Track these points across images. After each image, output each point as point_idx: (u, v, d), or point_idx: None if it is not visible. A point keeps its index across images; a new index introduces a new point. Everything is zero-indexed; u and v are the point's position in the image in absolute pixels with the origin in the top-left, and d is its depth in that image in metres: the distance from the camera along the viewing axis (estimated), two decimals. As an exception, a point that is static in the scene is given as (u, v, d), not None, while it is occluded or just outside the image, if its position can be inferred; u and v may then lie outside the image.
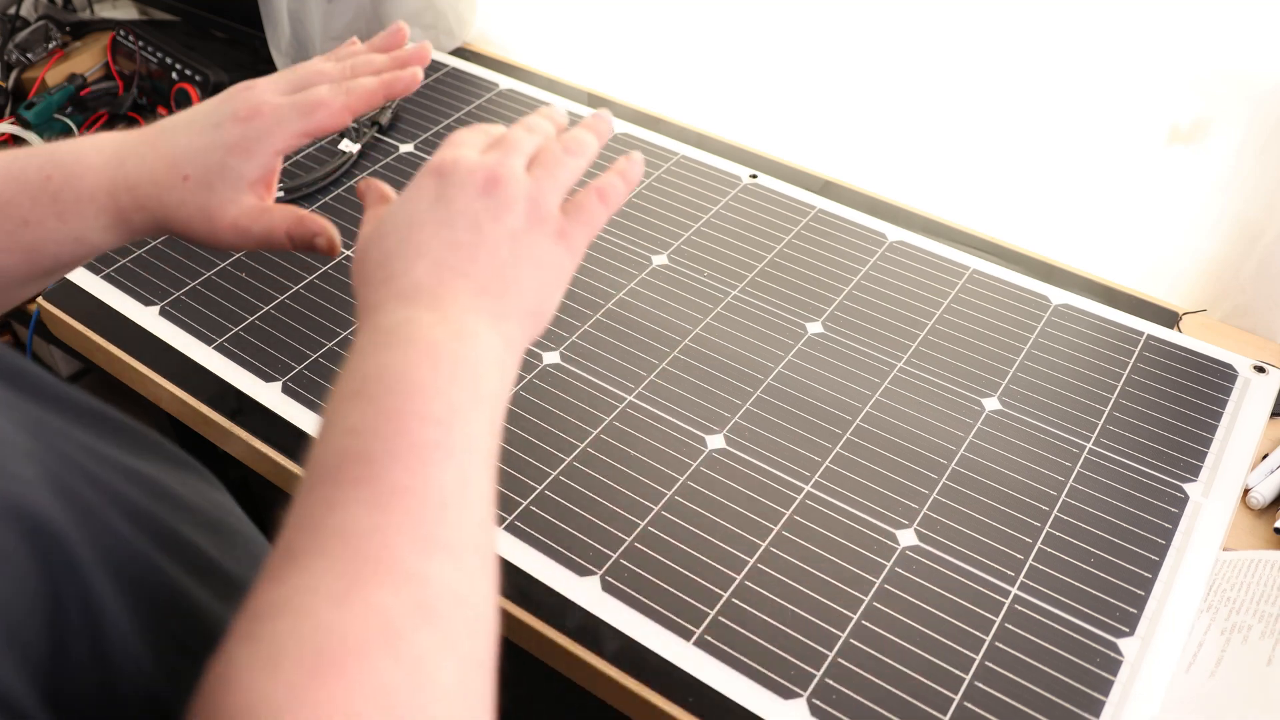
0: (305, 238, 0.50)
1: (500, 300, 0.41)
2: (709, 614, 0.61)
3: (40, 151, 0.48)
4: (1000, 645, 0.60)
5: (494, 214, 0.42)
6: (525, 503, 0.67)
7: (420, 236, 0.42)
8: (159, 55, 1.13)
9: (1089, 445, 0.71)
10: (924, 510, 0.67)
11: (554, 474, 0.69)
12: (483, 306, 0.40)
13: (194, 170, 0.48)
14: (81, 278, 0.84)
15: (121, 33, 1.16)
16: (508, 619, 0.63)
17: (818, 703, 0.57)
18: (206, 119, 0.50)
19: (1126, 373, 0.76)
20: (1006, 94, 0.89)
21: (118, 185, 0.48)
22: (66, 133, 1.10)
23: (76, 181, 0.47)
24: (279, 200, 0.92)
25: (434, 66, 1.09)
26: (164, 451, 0.40)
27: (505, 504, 0.67)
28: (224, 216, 0.49)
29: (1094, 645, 0.60)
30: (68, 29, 1.21)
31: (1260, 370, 0.76)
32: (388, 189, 0.49)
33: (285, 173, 0.94)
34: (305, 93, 0.50)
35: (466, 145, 0.45)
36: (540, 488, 0.68)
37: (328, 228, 0.51)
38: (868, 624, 0.61)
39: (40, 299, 0.84)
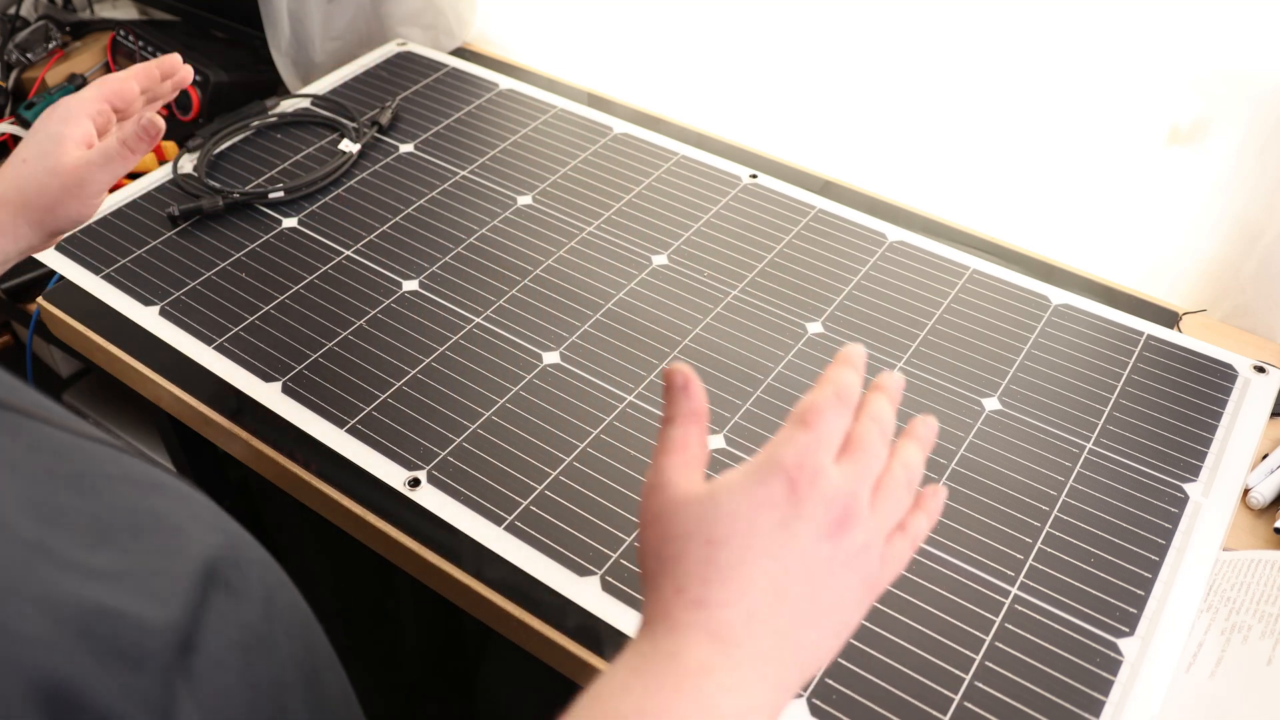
0: (133, 130, 0.62)
1: (801, 672, 0.39)
2: (709, 614, 0.61)
3: None
4: (1000, 645, 0.60)
5: (831, 567, 0.39)
6: (525, 503, 0.67)
7: (752, 566, 0.38)
8: (159, 55, 1.13)
9: (1089, 445, 0.71)
10: (924, 510, 0.67)
11: (554, 474, 0.69)
12: (779, 683, 0.38)
13: (29, 152, 0.61)
14: (81, 278, 0.84)
15: (121, 33, 1.16)
16: (508, 619, 0.63)
17: (818, 703, 0.57)
18: (28, 132, 0.63)
19: (1126, 373, 0.76)
20: (1006, 94, 0.89)
21: None
22: (66, 133, 1.10)
23: None
24: (281, 200, 0.92)
25: (434, 66, 1.09)
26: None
27: (505, 504, 0.67)
28: (64, 165, 0.60)
29: (1094, 645, 0.60)
30: (68, 29, 1.21)
31: (1260, 370, 0.76)
32: (704, 405, 0.43)
33: (285, 173, 0.95)
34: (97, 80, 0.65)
35: (824, 442, 0.40)
36: (540, 488, 0.68)
37: (153, 116, 0.62)
38: (867, 624, 0.61)
39: (40, 299, 0.84)
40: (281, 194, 0.91)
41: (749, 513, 0.39)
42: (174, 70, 0.68)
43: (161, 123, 0.63)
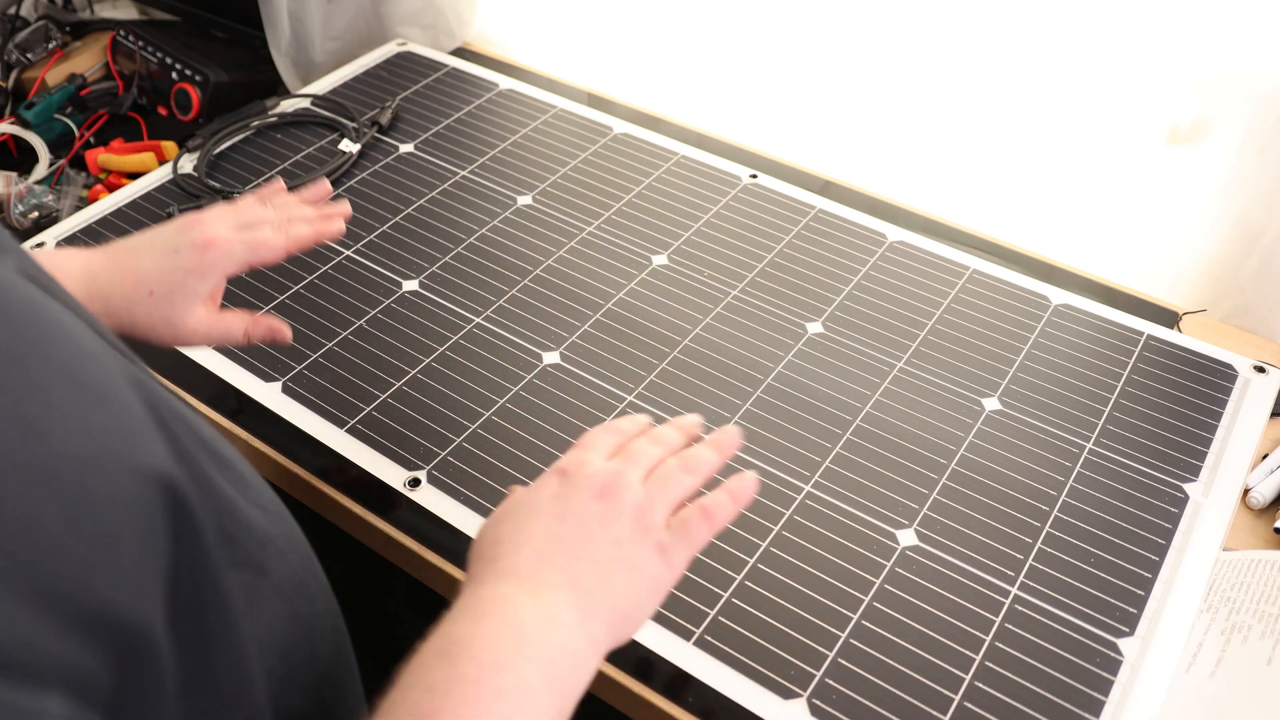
0: (263, 334, 0.63)
1: (592, 597, 0.44)
2: (709, 614, 0.61)
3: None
4: (1000, 645, 0.60)
5: (603, 519, 0.46)
6: (525, 503, 0.67)
7: (533, 526, 0.46)
8: (159, 55, 1.13)
9: (1089, 445, 0.71)
10: (924, 510, 0.67)
11: (554, 474, 0.69)
12: (574, 600, 0.43)
13: (158, 288, 0.59)
14: (81, 278, 0.84)
15: (121, 33, 1.16)
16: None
17: (818, 703, 0.57)
18: (166, 244, 0.60)
19: (1126, 373, 0.76)
20: (1006, 94, 0.89)
21: (92, 296, 0.57)
22: (66, 133, 1.10)
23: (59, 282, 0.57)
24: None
25: (434, 66, 1.09)
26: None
27: (505, 504, 0.67)
28: (185, 324, 0.60)
29: (1094, 645, 0.60)
30: (68, 29, 1.21)
31: (1260, 370, 0.76)
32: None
33: (285, 173, 0.94)
34: (253, 233, 0.61)
35: (594, 449, 0.49)
36: (540, 488, 0.68)
37: (283, 325, 0.64)
38: (868, 624, 0.61)
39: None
40: (281, 194, 0.91)
41: (529, 496, 0.48)
42: (336, 235, 0.65)
43: (290, 336, 0.65)
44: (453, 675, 0.39)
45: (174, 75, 1.12)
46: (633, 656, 0.60)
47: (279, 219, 0.63)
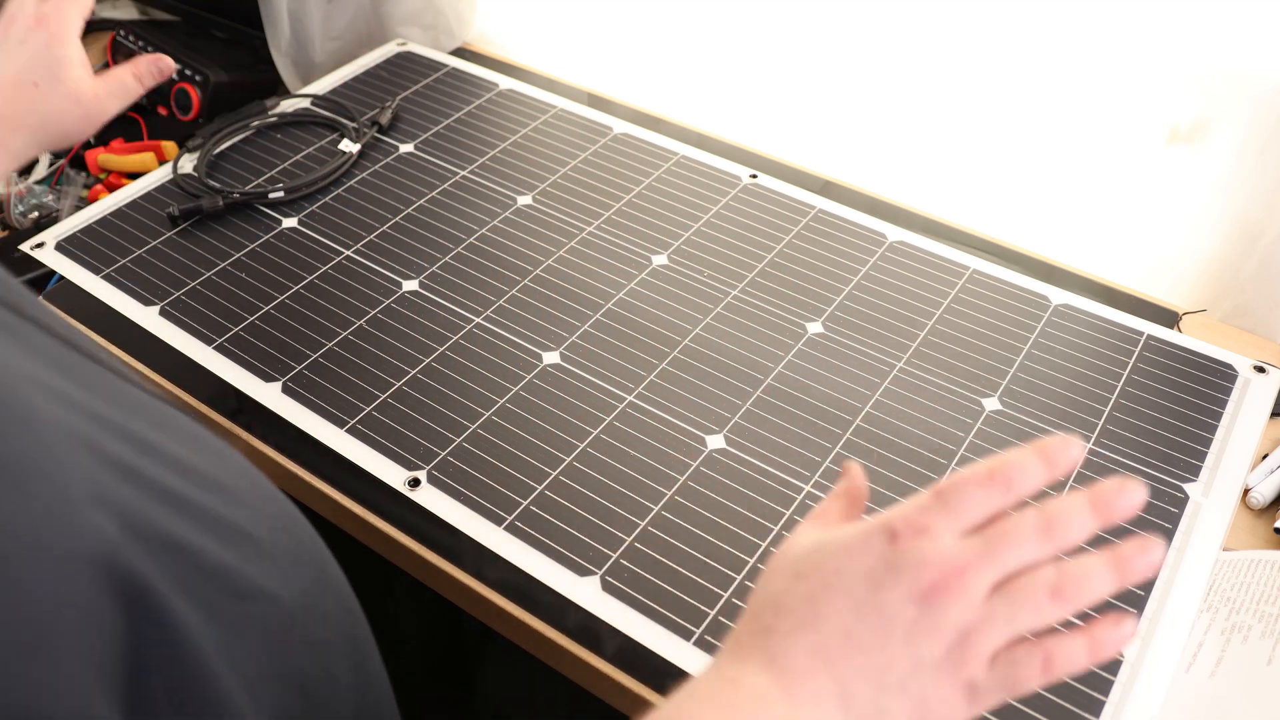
0: (147, 67, 0.69)
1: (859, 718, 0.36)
2: (709, 614, 0.61)
3: None
4: (1000, 645, 0.60)
5: (912, 629, 0.36)
6: (525, 503, 0.67)
7: (826, 604, 0.37)
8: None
9: (1089, 445, 0.71)
10: (924, 510, 0.67)
11: (554, 474, 0.69)
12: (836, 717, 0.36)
13: (37, 75, 0.63)
14: (81, 278, 0.84)
15: (121, 33, 1.16)
16: (508, 619, 0.63)
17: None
18: (8, 42, 0.64)
19: (1126, 373, 0.76)
20: (1006, 94, 0.89)
21: None
22: (66, 133, 1.10)
23: None
24: (279, 199, 0.92)
25: (434, 66, 1.09)
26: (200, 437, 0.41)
27: (505, 504, 0.67)
28: (86, 93, 0.65)
29: (1094, 645, 0.60)
30: (68, 29, 1.21)
31: (1260, 370, 0.76)
32: (862, 491, 0.44)
33: (285, 173, 0.95)
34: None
35: (951, 514, 0.38)
36: (540, 488, 0.68)
37: (161, 56, 0.70)
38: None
39: (40, 299, 0.84)
40: (281, 194, 0.91)
41: (841, 555, 0.38)
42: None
43: (171, 62, 0.70)
44: None
45: (174, 75, 1.12)
46: (633, 658, 0.60)
47: None
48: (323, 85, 1.06)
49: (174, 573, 0.31)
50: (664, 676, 0.59)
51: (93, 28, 1.22)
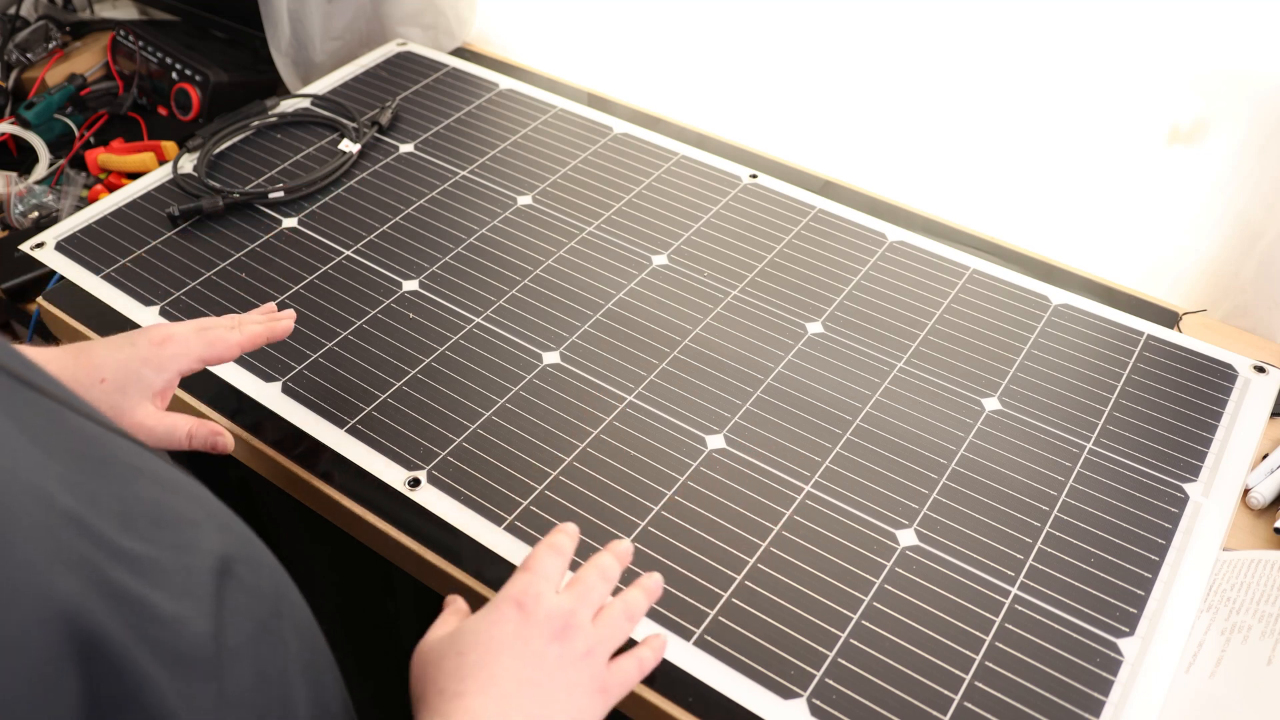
0: (205, 436, 0.62)
1: None
2: (709, 614, 0.61)
3: None
4: (1000, 645, 0.60)
5: (559, 663, 0.49)
6: (525, 503, 0.67)
7: (496, 665, 0.48)
8: (159, 55, 1.13)
9: (1089, 445, 0.71)
10: (924, 510, 0.67)
11: (554, 474, 0.69)
12: None
13: (111, 376, 0.60)
14: (82, 278, 0.84)
15: (121, 33, 1.16)
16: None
17: (818, 703, 0.57)
18: (124, 339, 0.62)
19: (1126, 373, 0.76)
20: (1006, 94, 0.89)
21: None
22: (66, 133, 1.10)
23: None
24: (279, 199, 0.92)
25: (434, 66, 1.09)
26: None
27: (505, 504, 0.67)
28: (132, 416, 0.60)
29: (1094, 645, 0.60)
30: (68, 29, 1.21)
31: (1260, 370, 0.76)
32: (464, 605, 0.55)
33: (285, 173, 0.95)
34: (210, 332, 0.63)
35: (546, 579, 0.52)
36: (540, 488, 0.68)
37: (224, 431, 0.63)
38: (868, 624, 0.61)
39: (40, 299, 0.84)
40: (281, 194, 0.91)
41: (488, 628, 0.49)
42: (285, 333, 0.68)
43: (231, 445, 0.64)
44: None
45: (174, 75, 1.12)
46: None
47: (233, 321, 0.66)
48: (323, 85, 1.06)
49: (134, 626, 0.30)
50: (664, 676, 0.59)
51: (93, 27, 1.22)
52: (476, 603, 0.64)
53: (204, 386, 0.76)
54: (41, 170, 1.05)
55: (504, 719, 0.46)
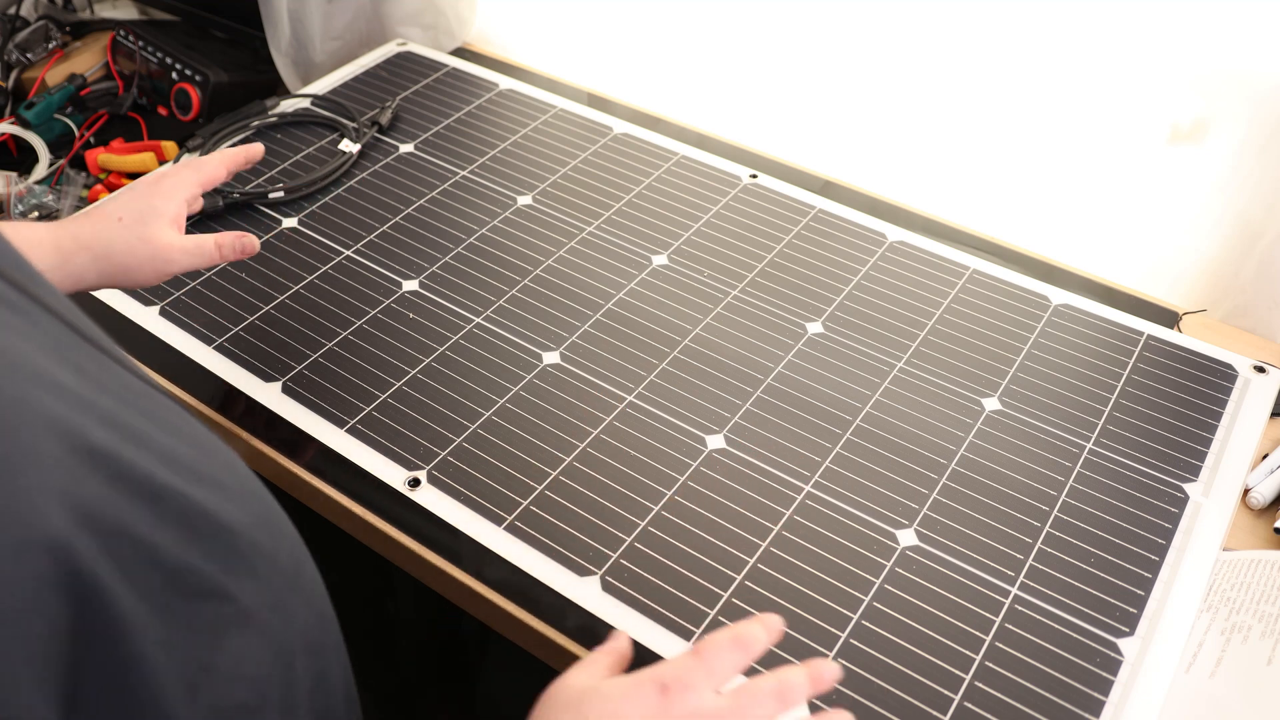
0: (232, 242, 0.69)
1: None
2: (709, 614, 0.61)
3: None
4: (1000, 645, 0.60)
5: None
6: (525, 503, 0.67)
7: None
8: (159, 55, 1.13)
9: (1089, 445, 0.71)
10: (924, 510, 0.67)
11: (554, 474, 0.69)
12: None
13: (126, 213, 0.66)
14: (81, 278, 0.84)
15: (121, 33, 1.16)
16: (508, 619, 0.63)
17: (817, 702, 0.57)
18: (126, 188, 0.68)
19: (1126, 373, 0.76)
20: (1006, 94, 0.89)
21: (61, 234, 0.63)
22: (66, 133, 1.10)
23: (24, 230, 0.62)
24: (279, 199, 0.92)
25: (434, 66, 1.09)
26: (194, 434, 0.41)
27: (505, 504, 0.67)
28: (159, 239, 0.66)
29: (1094, 645, 0.60)
30: (68, 29, 1.21)
31: (1260, 370, 0.76)
32: (624, 649, 0.51)
33: (286, 173, 0.95)
34: (192, 163, 0.71)
35: (709, 676, 0.45)
36: (540, 488, 0.68)
37: (250, 234, 0.70)
38: (868, 624, 0.61)
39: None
40: (281, 194, 0.91)
41: (618, 699, 0.44)
42: (258, 156, 0.76)
43: (257, 246, 0.71)
44: None
45: (174, 75, 1.12)
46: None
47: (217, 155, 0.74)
48: (323, 85, 1.06)
49: (127, 568, 0.31)
50: (664, 676, 0.59)
51: (93, 27, 1.22)
52: (475, 602, 0.65)
53: (203, 386, 0.76)
54: (41, 170, 1.05)
55: None
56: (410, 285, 0.83)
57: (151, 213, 0.66)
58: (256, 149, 0.76)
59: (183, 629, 0.33)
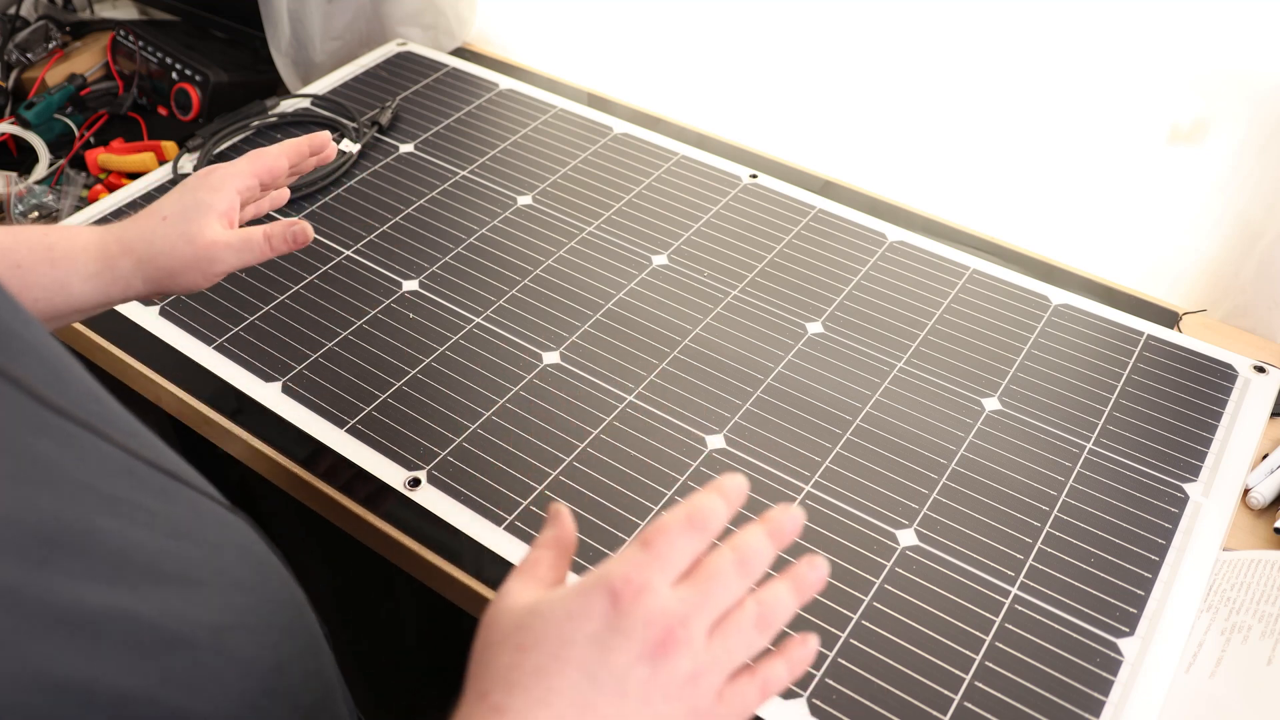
0: (281, 233, 0.61)
1: None
2: (709, 614, 0.61)
3: (40, 226, 0.59)
4: (1000, 645, 0.60)
5: (647, 689, 0.36)
6: (525, 503, 0.67)
7: (559, 676, 0.36)
8: (159, 55, 1.13)
9: (1089, 445, 0.71)
10: (924, 510, 0.67)
11: (554, 474, 0.69)
12: None
13: (170, 211, 0.60)
14: (81, 278, 0.84)
15: (121, 33, 1.16)
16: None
17: (818, 703, 0.57)
18: (177, 186, 0.62)
19: (1126, 373, 0.76)
20: (1007, 94, 0.89)
21: (107, 237, 0.59)
22: (66, 133, 1.10)
23: (71, 235, 0.58)
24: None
25: (434, 66, 1.09)
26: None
27: (505, 504, 0.67)
28: (203, 237, 0.59)
29: (1094, 645, 0.60)
30: (68, 29, 1.21)
31: (1260, 370, 0.76)
32: (567, 537, 0.44)
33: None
34: (251, 154, 0.64)
35: (665, 564, 0.38)
36: (540, 488, 0.68)
37: (300, 221, 0.62)
38: (867, 624, 0.61)
39: None
40: (281, 194, 0.91)
41: (563, 622, 0.37)
42: (322, 147, 0.67)
43: (311, 234, 0.62)
44: None
45: (174, 75, 1.12)
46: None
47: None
48: (323, 85, 1.06)
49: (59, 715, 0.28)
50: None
51: (93, 27, 1.22)
52: (475, 602, 0.65)
53: (203, 386, 0.76)
54: (41, 170, 1.05)
55: None
56: (410, 285, 0.83)
57: (197, 207, 0.60)
58: (324, 139, 0.67)
59: None
